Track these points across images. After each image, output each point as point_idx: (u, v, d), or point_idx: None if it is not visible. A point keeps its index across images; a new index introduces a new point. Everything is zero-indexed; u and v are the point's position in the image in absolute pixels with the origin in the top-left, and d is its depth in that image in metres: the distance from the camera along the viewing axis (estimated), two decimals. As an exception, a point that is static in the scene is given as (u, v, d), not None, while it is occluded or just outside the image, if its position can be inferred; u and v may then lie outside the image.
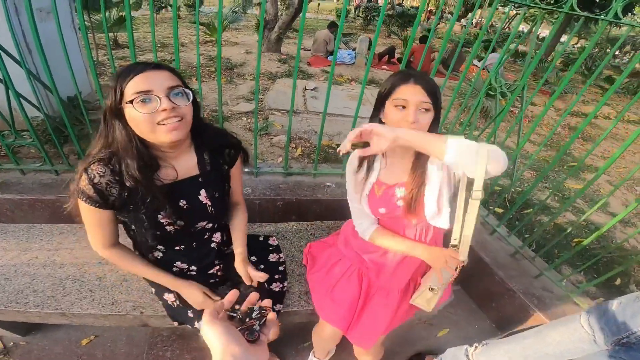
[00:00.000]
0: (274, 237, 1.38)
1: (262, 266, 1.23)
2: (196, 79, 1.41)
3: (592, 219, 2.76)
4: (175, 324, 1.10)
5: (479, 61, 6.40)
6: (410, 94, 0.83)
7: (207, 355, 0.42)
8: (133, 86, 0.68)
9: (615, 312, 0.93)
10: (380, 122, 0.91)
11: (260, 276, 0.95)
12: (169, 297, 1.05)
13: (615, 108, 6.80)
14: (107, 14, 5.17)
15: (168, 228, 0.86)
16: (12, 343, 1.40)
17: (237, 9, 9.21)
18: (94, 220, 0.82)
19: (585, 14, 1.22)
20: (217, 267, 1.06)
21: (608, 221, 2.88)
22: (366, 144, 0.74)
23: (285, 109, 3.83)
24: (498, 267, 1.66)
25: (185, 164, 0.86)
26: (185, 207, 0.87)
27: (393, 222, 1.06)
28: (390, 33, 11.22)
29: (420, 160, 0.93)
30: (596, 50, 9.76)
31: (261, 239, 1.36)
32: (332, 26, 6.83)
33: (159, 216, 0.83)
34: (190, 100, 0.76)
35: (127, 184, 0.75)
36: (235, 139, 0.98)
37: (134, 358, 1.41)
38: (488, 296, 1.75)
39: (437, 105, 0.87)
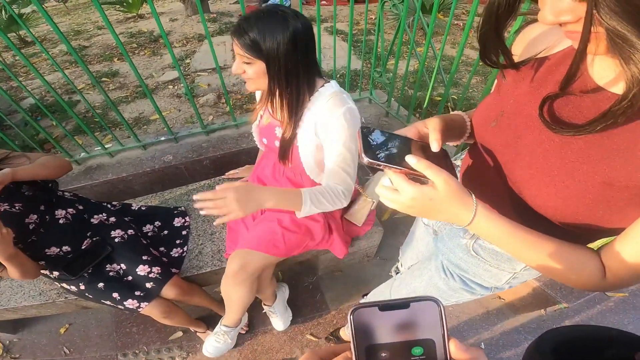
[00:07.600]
0: (182, 207, 1.42)
1: (165, 232, 1.29)
2: (117, 59, 1.20)
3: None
4: (108, 302, 1.10)
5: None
6: (236, 47, 0.82)
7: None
8: None
9: None
10: None
11: None
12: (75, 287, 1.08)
13: None
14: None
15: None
16: (8, 342, 1.55)
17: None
18: None
19: None
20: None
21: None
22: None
23: (212, 67, 3.61)
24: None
25: None
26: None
27: (271, 159, 1.16)
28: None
29: (295, 109, 0.89)
30: None
31: (173, 209, 1.40)
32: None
33: None
34: None
35: None
36: None
37: (107, 337, 1.54)
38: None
39: (266, 55, 0.79)
